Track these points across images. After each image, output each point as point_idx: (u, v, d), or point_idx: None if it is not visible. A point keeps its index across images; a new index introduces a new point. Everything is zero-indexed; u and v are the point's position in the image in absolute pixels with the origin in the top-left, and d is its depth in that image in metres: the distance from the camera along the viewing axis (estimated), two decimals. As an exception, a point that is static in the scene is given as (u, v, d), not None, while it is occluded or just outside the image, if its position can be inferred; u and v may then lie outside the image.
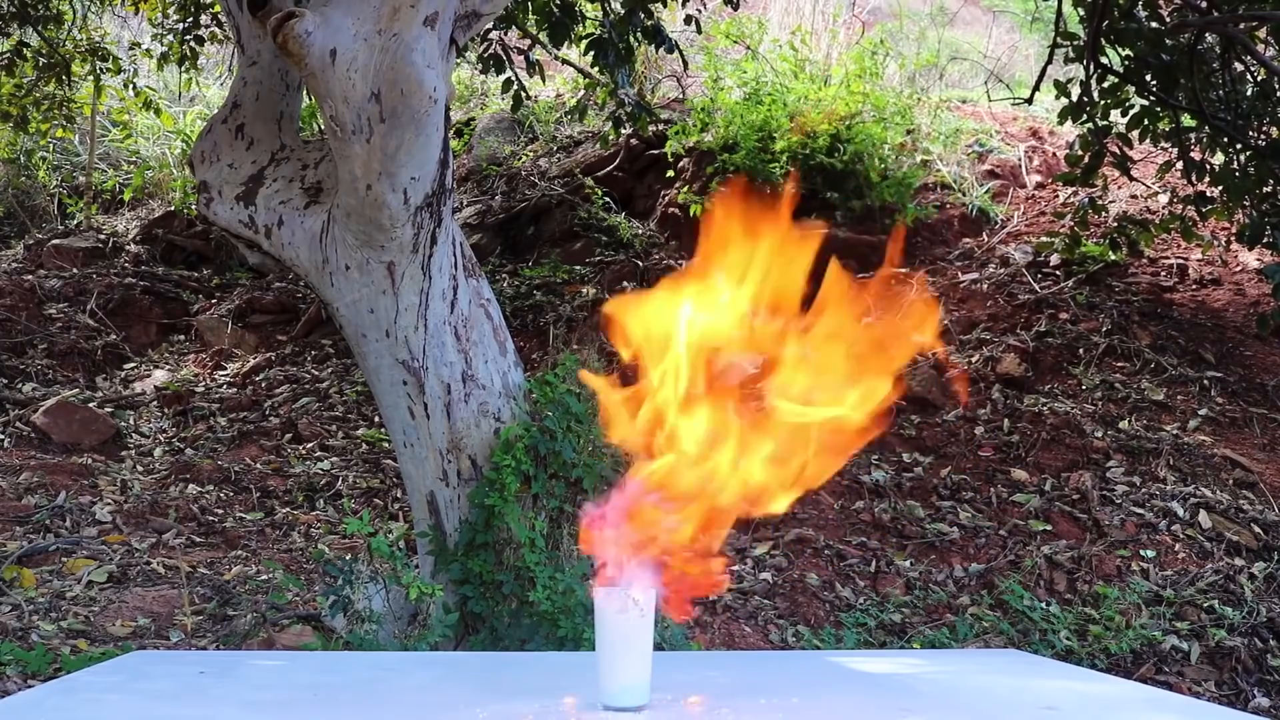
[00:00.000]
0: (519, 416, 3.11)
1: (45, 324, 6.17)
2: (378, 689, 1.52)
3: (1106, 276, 5.86)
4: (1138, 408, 4.91)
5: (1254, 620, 3.80)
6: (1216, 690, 3.57)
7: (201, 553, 4.09)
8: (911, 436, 4.84)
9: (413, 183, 2.77)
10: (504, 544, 3.00)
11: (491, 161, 7.54)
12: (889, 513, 4.36)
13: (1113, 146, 5.10)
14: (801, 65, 7.03)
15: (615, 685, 1.39)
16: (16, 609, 3.49)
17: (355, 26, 2.63)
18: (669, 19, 6.08)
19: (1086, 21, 4.97)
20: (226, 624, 3.53)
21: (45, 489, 4.46)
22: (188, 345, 6.34)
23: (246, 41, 3.29)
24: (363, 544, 3.67)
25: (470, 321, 3.07)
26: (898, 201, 6.27)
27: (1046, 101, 7.13)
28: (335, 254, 2.94)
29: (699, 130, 6.70)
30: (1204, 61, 4.92)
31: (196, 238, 7.28)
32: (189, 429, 5.27)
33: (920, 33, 8.88)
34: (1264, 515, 4.27)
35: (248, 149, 3.14)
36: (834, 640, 3.64)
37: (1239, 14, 4.55)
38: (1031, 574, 4.03)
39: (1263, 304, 5.51)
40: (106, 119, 8.31)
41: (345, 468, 4.88)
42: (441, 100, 2.71)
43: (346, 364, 5.79)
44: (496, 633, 2.92)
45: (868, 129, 6.33)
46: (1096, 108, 5.12)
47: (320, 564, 3.71)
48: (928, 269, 6.08)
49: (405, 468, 3.17)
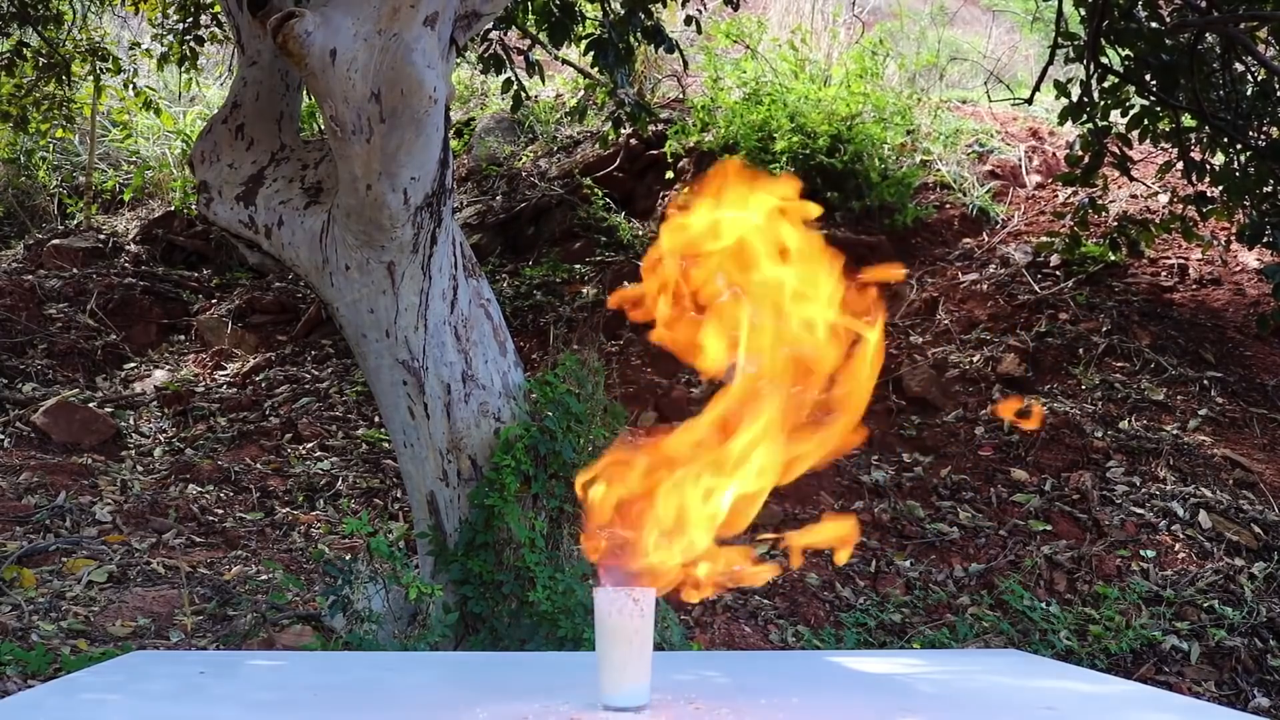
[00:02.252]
0: (519, 416, 3.11)
1: (45, 324, 6.17)
2: (378, 689, 1.52)
3: (1106, 276, 5.86)
4: (1138, 408, 4.91)
5: (1254, 620, 3.80)
6: (1216, 690, 3.57)
7: (201, 553, 4.09)
8: (911, 436, 4.84)
9: (413, 183, 2.77)
10: (504, 544, 3.00)
11: (491, 161, 7.54)
12: (889, 513, 4.36)
13: (1113, 146, 5.10)
14: (801, 65, 7.03)
15: (615, 685, 1.38)
16: (16, 609, 3.49)
17: (355, 26, 2.63)
18: (669, 19, 6.08)
19: (1086, 21, 4.97)
20: (226, 624, 3.53)
21: (45, 489, 4.46)
22: (188, 345, 6.34)
23: (246, 41, 3.29)
24: (362, 544, 3.67)
25: (470, 321, 3.07)
26: (898, 201, 6.27)
27: (1046, 101, 7.13)
28: (335, 254, 2.94)
29: (699, 130, 6.70)
30: (1204, 61, 4.92)
31: (196, 238, 7.28)
32: (189, 429, 5.27)
33: (920, 33, 8.88)
34: (1264, 515, 4.27)
35: (248, 149, 3.14)
36: (834, 640, 3.64)
37: (1239, 14, 4.55)
38: (1031, 574, 4.03)
39: (1263, 304, 5.51)
40: (106, 119, 8.31)
41: (345, 468, 4.88)
42: (441, 100, 2.71)
43: (346, 364, 5.79)
44: (496, 633, 2.92)
45: (868, 129, 6.33)
46: (1096, 108, 5.12)
47: (320, 564, 3.71)
48: (928, 269, 6.08)
49: (405, 468, 3.17)
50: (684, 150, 6.67)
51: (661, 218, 1.46)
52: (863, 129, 6.30)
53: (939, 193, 6.71)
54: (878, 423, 4.93)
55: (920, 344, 5.46)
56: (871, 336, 1.45)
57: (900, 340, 5.51)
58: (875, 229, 6.25)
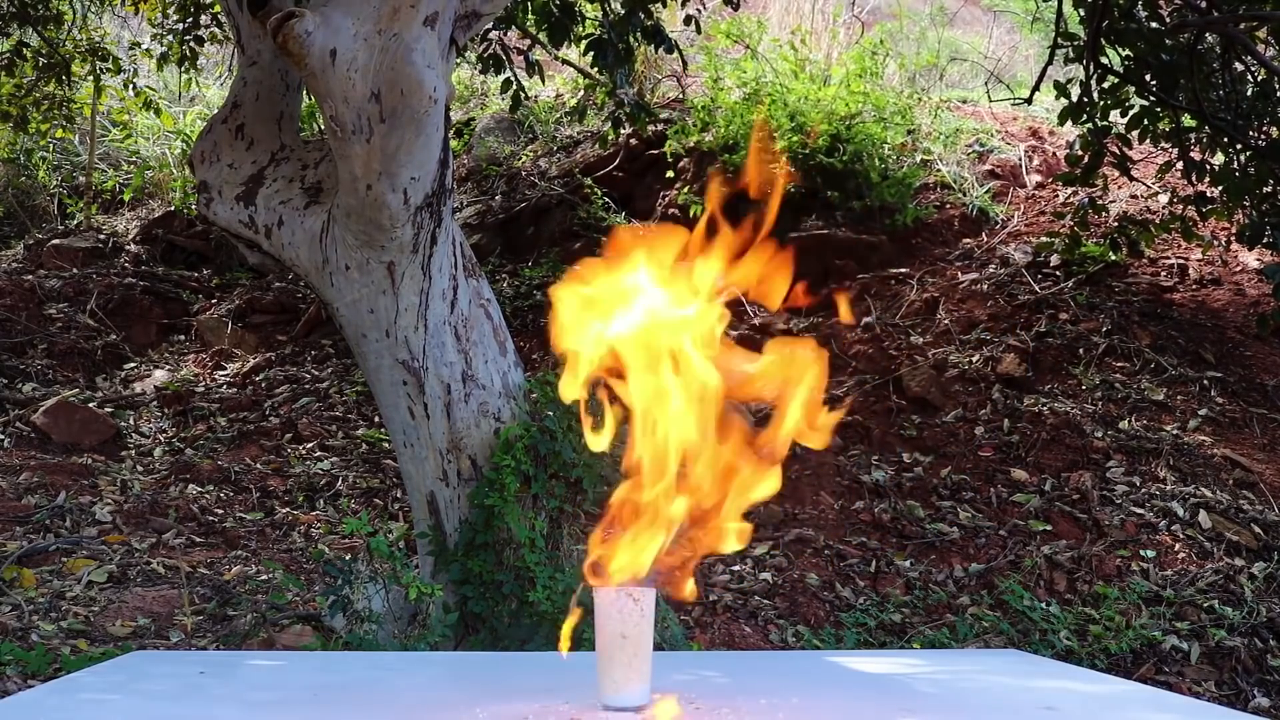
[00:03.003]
0: (519, 416, 3.11)
1: (45, 324, 6.17)
2: (378, 689, 1.52)
3: (1106, 276, 5.86)
4: (1138, 408, 4.91)
5: (1254, 620, 3.80)
6: (1216, 690, 3.57)
7: (201, 553, 4.09)
8: (911, 436, 4.84)
9: (413, 183, 2.77)
10: (504, 544, 3.00)
11: (491, 161, 7.54)
12: (889, 513, 4.36)
13: (1113, 146, 5.10)
14: (801, 65, 7.03)
15: (615, 685, 1.39)
16: (16, 609, 3.49)
17: (355, 26, 2.63)
18: (669, 19, 6.08)
19: (1086, 22, 4.97)
20: (226, 624, 3.53)
21: (45, 489, 4.46)
22: (188, 345, 6.34)
23: (246, 41, 3.29)
24: (363, 544, 3.67)
25: (470, 321, 3.07)
26: (898, 201, 6.27)
27: (1047, 101, 7.13)
28: (335, 254, 2.94)
29: (699, 130, 6.70)
30: (1204, 61, 4.92)
31: (196, 238, 7.28)
32: (189, 429, 5.27)
33: (920, 33, 8.88)
34: (1264, 515, 4.27)
35: (248, 149, 3.14)
36: (834, 640, 3.64)
37: (1239, 14, 4.55)
38: (1031, 574, 4.03)
39: (1263, 304, 5.51)
40: (106, 119, 8.31)
41: (345, 468, 4.88)
42: (441, 100, 2.71)
43: (346, 364, 5.79)
44: (496, 633, 2.92)
45: (868, 129, 6.33)
46: (1096, 108, 5.11)
47: (320, 564, 3.71)
48: (928, 269, 6.08)
49: (405, 468, 3.17)
50: (684, 150, 6.67)
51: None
52: (863, 129, 6.30)
53: (939, 193, 6.71)
54: (878, 423, 4.93)
55: (920, 344, 5.46)
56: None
57: (900, 340, 5.51)
58: (876, 229, 6.25)
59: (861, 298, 5.88)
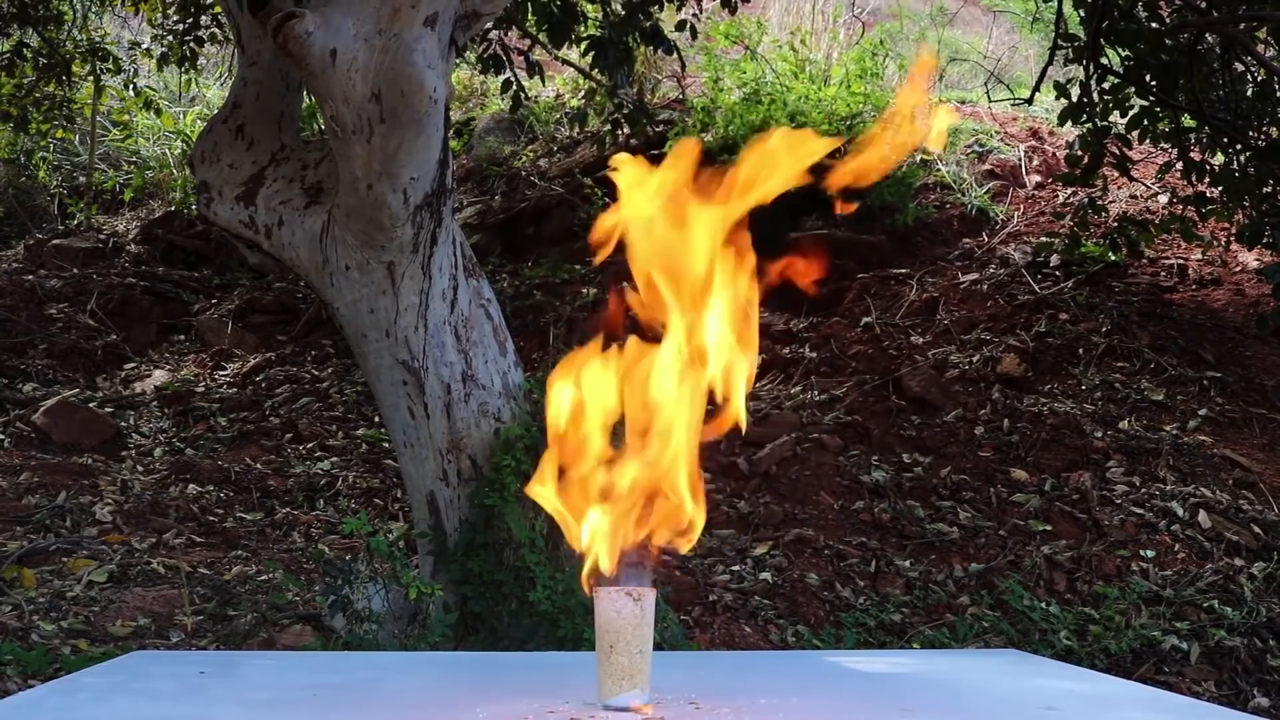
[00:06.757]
0: (519, 416, 3.11)
1: (45, 324, 6.17)
2: (378, 689, 1.52)
3: (1106, 277, 5.86)
4: (1138, 408, 4.91)
5: (1254, 620, 3.80)
6: (1216, 690, 3.57)
7: (201, 553, 4.09)
8: (911, 436, 4.84)
9: (413, 183, 2.77)
10: (504, 544, 3.00)
11: (491, 161, 7.54)
12: (889, 513, 4.36)
13: (1112, 147, 5.10)
14: (801, 66, 7.03)
15: (615, 685, 1.39)
16: (16, 609, 3.49)
17: (355, 27, 2.63)
18: (668, 19, 6.08)
19: (1086, 22, 4.97)
20: (226, 624, 3.53)
21: (45, 489, 4.46)
22: (188, 345, 6.34)
23: (246, 41, 3.29)
24: (362, 544, 3.67)
25: (470, 321, 3.07)
26: (898, 201, 6.27)
27: (1046, 102, 7.13)
28: (335, 254, 2.94)
29: (699, 131, 6.69)
30: (1204, 61, 4.92)
31: (196, 238, 7.28)
32: (189, 429, 5.26)
33: (920, 33, 8.88)
34: (1264, 515, 4.27)
35: (248, 149, 3.14)
36: (834, 640, 3.64)
37: (1239, 14, 4.55)
38: (1031, 574, 4.03)
39: (1263, 304, 5.51)
40: (106, 119, 8.31)
41: (345, 468, 4.88)
42: (441, 100, 2.71)
43: (346, 364, 5.79)
44: (496, 633, 2.92)
45: (868, 129, 6.32)
46: (1096, 108, 5.11)
47: (320, 564, 3.71)
48: (928, 269, 6.08)
49: (405, 468, 3.17)
50: (684, 150, 6.67)
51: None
52: (863, 129, 6.30)
53: (939, 193, 6.71)
54: (878, 423, 4.93)
55: (920, 344, 5.46)
56: None
57: (900, 340, 5.51)
58: (876, 229, 6.25)
59: (861, 298, 5.88)
